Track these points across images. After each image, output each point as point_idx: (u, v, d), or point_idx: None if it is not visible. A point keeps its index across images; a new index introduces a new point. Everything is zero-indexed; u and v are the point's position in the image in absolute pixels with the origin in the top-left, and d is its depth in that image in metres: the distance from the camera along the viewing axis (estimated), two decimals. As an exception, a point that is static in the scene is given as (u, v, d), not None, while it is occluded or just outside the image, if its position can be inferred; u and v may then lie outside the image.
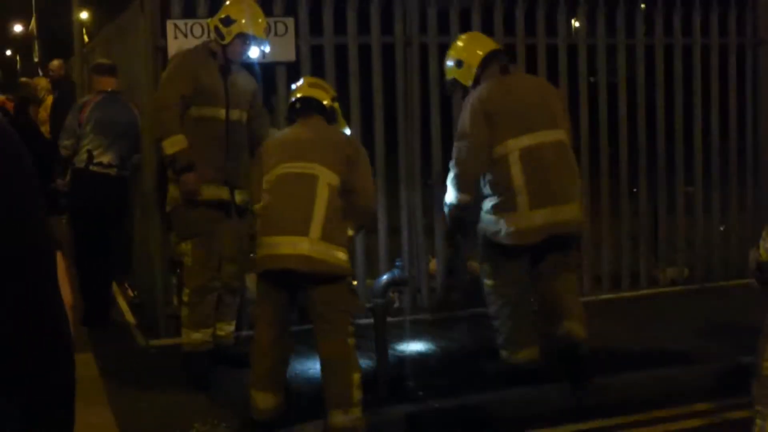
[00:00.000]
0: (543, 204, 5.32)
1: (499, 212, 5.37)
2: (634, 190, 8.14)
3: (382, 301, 5.30)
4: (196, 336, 5.69)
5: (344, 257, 4.66)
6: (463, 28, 7.20)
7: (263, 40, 5.77)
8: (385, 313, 5.36)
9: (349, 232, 4.81)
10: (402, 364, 5.84)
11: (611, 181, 7.96)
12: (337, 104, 5.14)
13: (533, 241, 5.37)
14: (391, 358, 5.54)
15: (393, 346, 5.98)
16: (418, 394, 5.31)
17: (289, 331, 4.89)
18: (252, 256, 7.07)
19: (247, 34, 5.66)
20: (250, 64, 6.01)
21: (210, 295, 5.73)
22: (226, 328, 5.99)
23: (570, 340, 5.41)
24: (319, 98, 5.00)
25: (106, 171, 7.01)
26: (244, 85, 5.86)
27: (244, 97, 5.84)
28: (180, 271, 5.95)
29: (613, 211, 8.00)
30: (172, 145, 5.52)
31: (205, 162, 5.59)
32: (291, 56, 6.86)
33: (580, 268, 7.48)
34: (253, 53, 5.81)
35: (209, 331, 5.75)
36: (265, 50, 5.89)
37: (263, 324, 4.81)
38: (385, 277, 5.39)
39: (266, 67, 6.43)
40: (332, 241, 4.59)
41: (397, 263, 5.60)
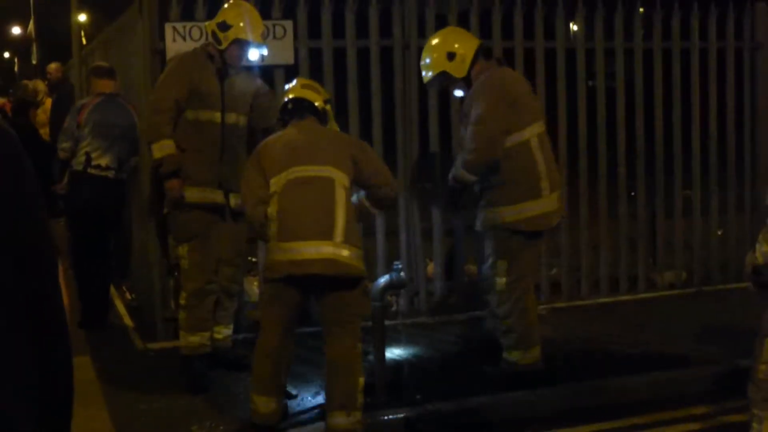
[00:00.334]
0: (555, 188, 5.60)
1: (522, 199, 5.47)
2: (632, 194, 8.14)
3: (380, 304, 5.30)
4: (194, 339, 5.68)
5: (361, 258, 4.71)
6: (462, 32, 7.20)
7: (260, 44, 5.76)
8: (383, 317, 5.36)
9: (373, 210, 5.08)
10: (400, 368, 5.84)
11: (609, 184, 7.96)
12: (329, 106, 5.15)
13: (553, 224, 5.73)
14: (389, 362, 5.54)
15: (391, 350, 5.97)
16: (416, 398, 5.30)
17: (293, 336, 4.88)
18: (250, 259, 7.08)
19: (243, 40, 5.66)
20: (250, 67, 6.00)
21: (207, 298, 5.72)
22: (224, 332, 5.97)
23: None
24: (310, 99, 5.01)
25: (104, 173, 7.01)
26: (242, 88, 5.83)
27: (242, 101, 5.82)
28: (177, 274, 5.95)
29: (612, 214, 8.00)
30: (160, 149, 5.53)
31: (200, 165, 5.60)
32: (289, 59, 6.86)
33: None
34: (253, 56, 5.80)
35: (207, 334, 5.74)
36: (263, 53, 5.89)
37: (271, 327, 4.78)
38: (383, 280, 5.39)
39: (264, 70, 6.43)
40: (352, 242, 4.62)
41: (395, 266, 5.59)
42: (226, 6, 5.83)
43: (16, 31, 41.54)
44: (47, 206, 1.47)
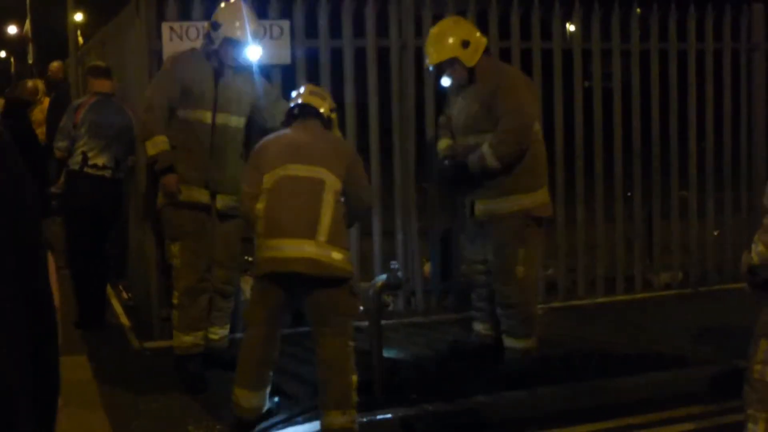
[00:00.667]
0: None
1: (537, 187, 5.69)
2: (629, 194, 8.15)
3: (377, 303, 5.30)
4: (187, 339, 5.67)
5: (348, 260, 4.71)
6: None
7: (248, 42, 5.74)
8: (380, 316, 5.35)
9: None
10: (396, 367, 5.84)
11: (606, 185, 7.97)
12: (335, 115, 5.16)
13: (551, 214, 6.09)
14: (385, 361, 5.54)
15: (387, 349, 5.97)
16: (412, 397, 5.30)
17: (279, 333, 4.88)
18: (247, 258, 7.08)
19: (232, 39, 5.66)
20: (249, 67, 5.99)
21: (200, 297, 5.71)
22: (220, 332, 5.97)
23: None
24: (316, 105, 5.04)
25: (100, 173, 7.00)
26: (240, 90, 5.82)
27: (238, 102, 5.81)
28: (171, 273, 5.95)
29: (608, 215, 8.01)
30: (154, 146, 5.55)
31: (188, 164, 5.62)
32: (286, 59, 6.86)
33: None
34: (254, 55, 5.81)
35: (200, 333, 5.73)
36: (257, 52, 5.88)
37: (254, 323, 4.83)
38: (380, 279, 5.39)
39: (261, 70, 6.42)
40: (337, 244, 4.62)
41: (392, 266, 5.59)
42: (222, 5, 5.83)
43: (13, 30, 41.44)
44: (41, 206, 1.47)
